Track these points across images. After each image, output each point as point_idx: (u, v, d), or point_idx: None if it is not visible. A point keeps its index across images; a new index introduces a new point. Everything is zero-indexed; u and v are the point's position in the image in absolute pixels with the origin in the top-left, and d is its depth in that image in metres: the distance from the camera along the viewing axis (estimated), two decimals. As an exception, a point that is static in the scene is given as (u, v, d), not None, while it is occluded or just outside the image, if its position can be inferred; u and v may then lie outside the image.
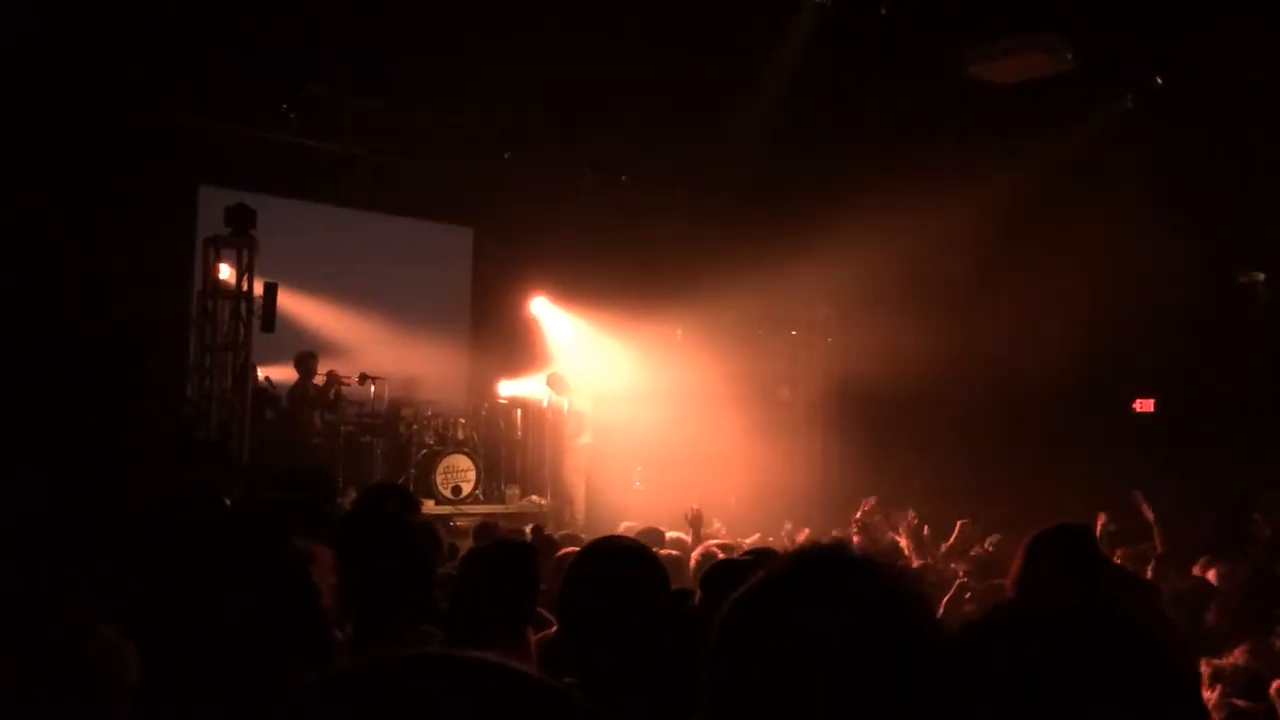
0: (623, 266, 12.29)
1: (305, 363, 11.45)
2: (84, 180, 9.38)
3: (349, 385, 11.63)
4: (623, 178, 12.90)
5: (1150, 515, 6.64)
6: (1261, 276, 10.73)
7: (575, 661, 2.32)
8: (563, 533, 8.19)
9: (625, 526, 8.17)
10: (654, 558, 2.49)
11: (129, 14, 8.98)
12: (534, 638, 3.41)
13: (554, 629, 3.16)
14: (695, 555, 5.37)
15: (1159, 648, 1.27)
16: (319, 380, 11.48)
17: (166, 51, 9.48)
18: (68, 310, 9.05)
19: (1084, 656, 1.25)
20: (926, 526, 7.29)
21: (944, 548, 7.08)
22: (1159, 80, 9.26)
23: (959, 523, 7.42)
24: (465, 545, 6.53)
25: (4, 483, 6.49)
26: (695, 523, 6.74)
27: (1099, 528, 6.65)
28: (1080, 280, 10.84)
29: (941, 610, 4.28)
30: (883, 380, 11.38)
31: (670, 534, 6.65)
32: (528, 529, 9.55)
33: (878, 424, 11.41)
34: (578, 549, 5.54)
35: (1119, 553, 6.86)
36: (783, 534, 8.69)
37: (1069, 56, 8.27)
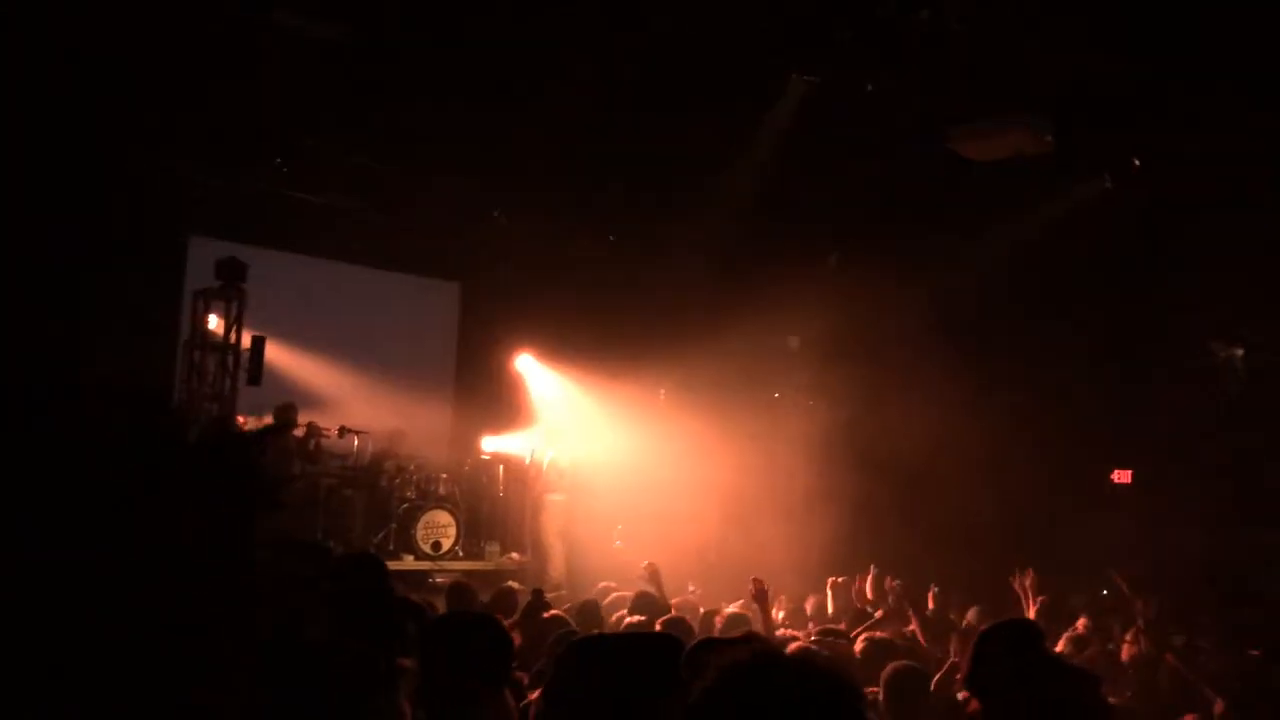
0: (608, 325, 12.36)
1: (285, 414, 11.40)
2: (75, 227, 9.42)
3: (329, 437, 11.61)
4: (610, 237, 13.04)
5: (1126, 589, 6.70)
6: (1240, 351, 10.92)
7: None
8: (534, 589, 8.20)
9: (603, 586, 8.16)
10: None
11: (122, 67, 9.07)
12: (517, 701, 3.45)
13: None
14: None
15: None
16: (299, 432, 11.45)
17: (160, 103, 9.57)
18: (52, 357, 9.02)
19: None
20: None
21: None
22: (1137, 162, 9.48)
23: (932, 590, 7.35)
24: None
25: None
26: (653, 579, 6.63)
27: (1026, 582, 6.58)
28: (1063, 352, 11.01)
29: (934, 687, 4.31)
30: (865, 444, 11.46)
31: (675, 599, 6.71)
32: (513, 584, 9.57)
33: (860, 486, 11.44)
34: (563, 612, 5.60)
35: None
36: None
37: (1049, 138, 8.48)
